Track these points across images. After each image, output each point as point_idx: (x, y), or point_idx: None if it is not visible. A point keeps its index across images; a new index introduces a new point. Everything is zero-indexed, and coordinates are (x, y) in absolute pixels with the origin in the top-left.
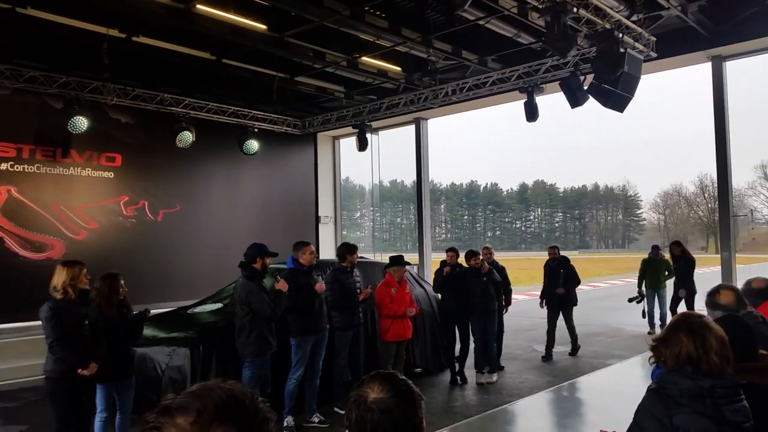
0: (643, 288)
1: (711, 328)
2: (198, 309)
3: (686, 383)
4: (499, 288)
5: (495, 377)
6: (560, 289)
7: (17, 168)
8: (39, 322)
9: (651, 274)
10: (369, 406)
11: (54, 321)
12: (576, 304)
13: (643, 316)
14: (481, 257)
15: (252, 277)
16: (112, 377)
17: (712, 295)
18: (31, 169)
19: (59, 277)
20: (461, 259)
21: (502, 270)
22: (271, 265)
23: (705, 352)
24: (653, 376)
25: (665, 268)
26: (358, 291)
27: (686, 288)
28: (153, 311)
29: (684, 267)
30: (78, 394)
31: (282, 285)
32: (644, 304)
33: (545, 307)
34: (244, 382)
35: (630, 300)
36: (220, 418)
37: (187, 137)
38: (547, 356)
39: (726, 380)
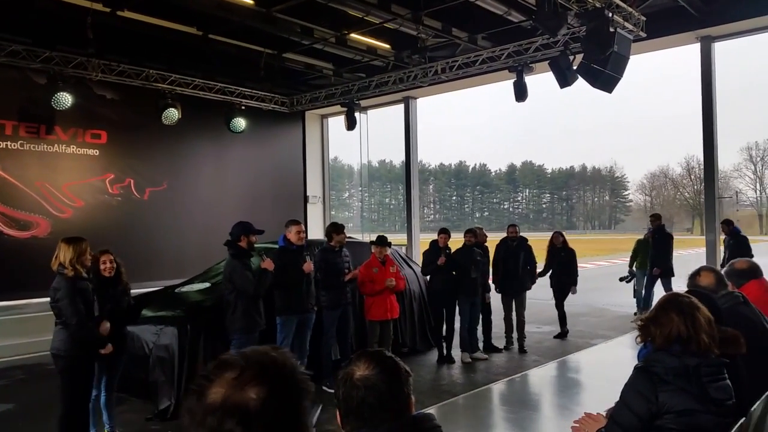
0: (634, 268)
1: (700, 308)
2: (186, 288)
3: (673, 362)
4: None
5: (486, 355)
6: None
7: (0, 145)
8: (26, 301)
9: (644, 254)
10: (355, 383)
11: (75, 299)
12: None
13: (635, 296)
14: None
15: (236, 255)
16: (105, 356)
17: (693, 277)
18: (14, 146)
19: (65, 254)
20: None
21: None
22: (260, 244)
23: (695, 331)
24: (639, 355)
25: None
26: (347, 271)
27: (661, 266)
28: (140, 290)
29: (659, 242)
30: (90, 370)
31: (268, 264)
32: (635, 283)
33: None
34: None
35: (621, 279)
36: (257, 378)
37: (173, 114)
38: (508, 345)
39: (710, 359)
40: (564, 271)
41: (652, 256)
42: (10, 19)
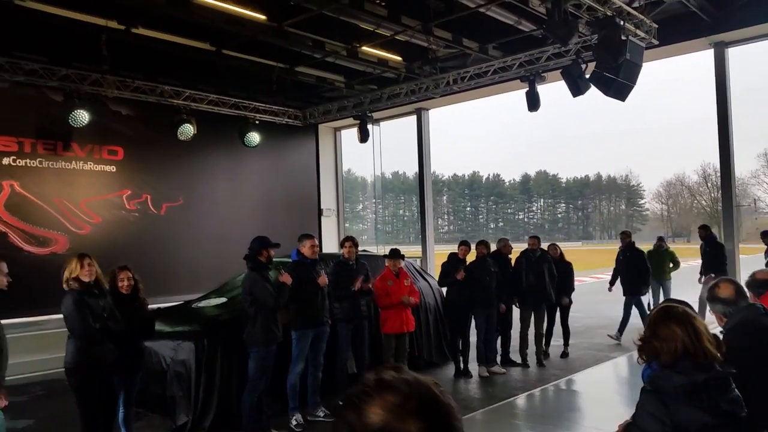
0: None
1: (695, 317)
2: (202, 303)
3: (680, 379)
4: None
5: (503, 369)
6: (565, 299)
7: (19, 162)
8: (46, 317)
9: (655, 265)
10: None
11: (79, 311)
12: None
13: (648, 309)
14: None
15: (256, 268)
16: (120, 371)
17: (712, 289)
18: (33, 163)
19: (64, 271)
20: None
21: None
22: (275, 259)
23: (698, 340)
24: (644, 376)
25: (670, 260)
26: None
27: (633, 287)
28: (157, 305)
29: (631, 260)
30: (104, 386)
31: (286, 278)
32: (649, 296)
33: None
34: (249, 373)
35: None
36: (420, 412)
37: (188, 130)
38: (524, 360)
39: (716, 371)
40: (561, 283)
41: (625, 276)
42: (28, 38)
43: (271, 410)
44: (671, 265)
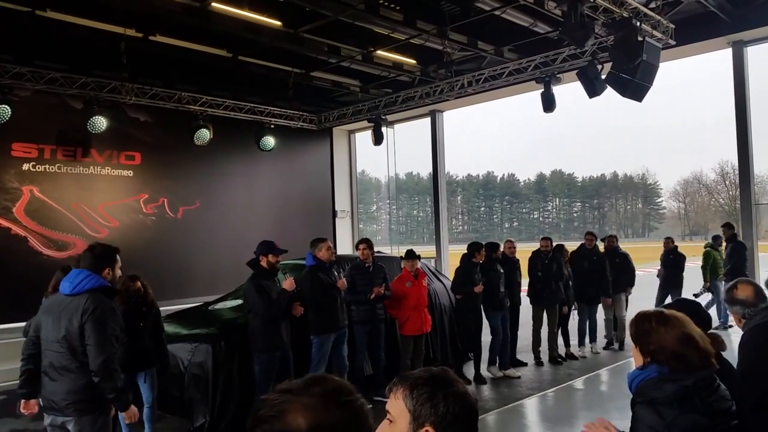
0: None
1: (685, 319)
2: (219, 305)
3: (670, 387)
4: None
5: (518, 373)
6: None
7: (39, 168)
8: None
9: (713, 264)
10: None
11: None
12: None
13: (719, 315)
14: (501, 249)
15: (254, 275)
16: (127, 368)
17: (730, 290)
18: (52, 169)
19: None
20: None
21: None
22: (289, 261)
23: (689, 344)
24: (631, 387)
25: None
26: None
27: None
28: (174, 308)
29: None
30: None
31: (288, 284)
32: (713, 295)
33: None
34: (256, 378)
35: (696, 295)
36: (338, 401)
37: (204, 135)
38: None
39: (702, 372)
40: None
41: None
42: (49, 48)
43: None
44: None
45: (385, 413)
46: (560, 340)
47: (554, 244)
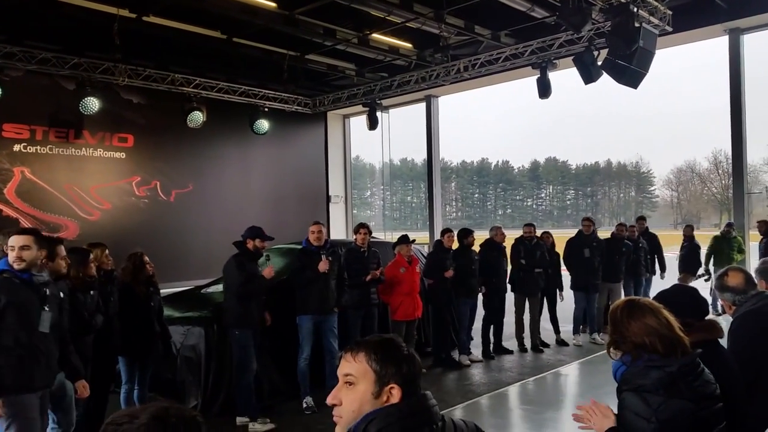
0: (711, 266)
1: (661, 307)
2: (212, 288)
3: (656, 373)
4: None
5: (480, 358)
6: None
7: (30, 149)
8: None
9: (722, 252)
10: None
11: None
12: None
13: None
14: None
15: (238, 255)
16: (137, 352)
17: (721, 278)
18: (44, 150)
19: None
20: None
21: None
22: (285, 245)
23: (670, 330)
24: (616, 375)
25: (738, 248)
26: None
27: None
28: (167, 291)
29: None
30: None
31: (267, 272)
32: (711, 284)
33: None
34: (234, 353)
35: (701, 277)
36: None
37: (198, 117)
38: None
39: (686, 357)
40: (554, 272)
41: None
42: (41, 27)
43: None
44: (739, 253)
45: (343, 377)
46: (550, 327)
47: (540, 232)
